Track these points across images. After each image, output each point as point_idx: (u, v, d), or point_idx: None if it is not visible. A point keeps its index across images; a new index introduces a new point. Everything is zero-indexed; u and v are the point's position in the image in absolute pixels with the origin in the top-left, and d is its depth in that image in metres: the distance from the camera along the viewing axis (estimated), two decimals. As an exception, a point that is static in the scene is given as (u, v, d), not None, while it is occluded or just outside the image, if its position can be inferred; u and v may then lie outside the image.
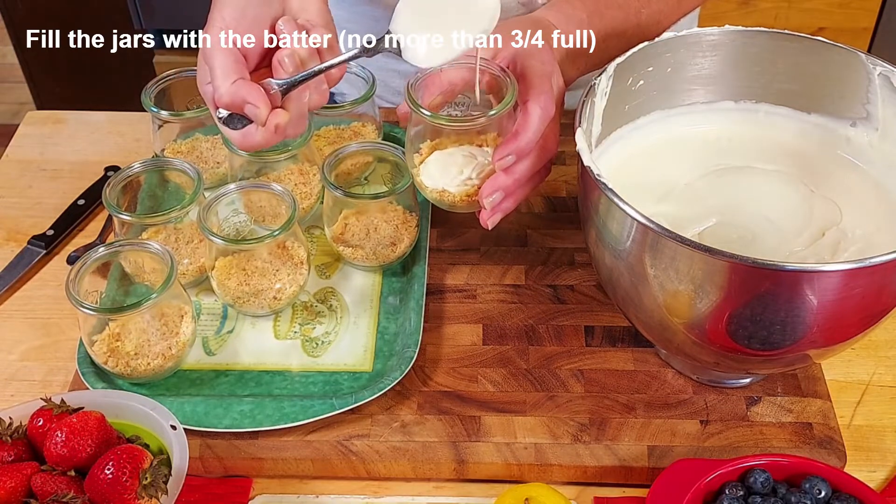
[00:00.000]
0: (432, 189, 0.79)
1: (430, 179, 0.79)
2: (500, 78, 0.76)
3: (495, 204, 0.75)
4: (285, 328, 0.82)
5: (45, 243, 0.92)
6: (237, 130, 0.69)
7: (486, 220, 0.76)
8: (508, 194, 0.75)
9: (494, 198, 0.75)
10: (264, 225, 0.87)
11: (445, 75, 0.77)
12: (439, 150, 0.79)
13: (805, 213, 0.75)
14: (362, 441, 0.73)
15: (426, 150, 0.80)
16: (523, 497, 0.66)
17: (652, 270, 0.65)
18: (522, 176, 0.75)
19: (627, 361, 0.79)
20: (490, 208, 0.75)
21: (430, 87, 0.77)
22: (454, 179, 0.77)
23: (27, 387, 0.81)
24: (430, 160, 0.79)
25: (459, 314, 0.83)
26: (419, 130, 0.79)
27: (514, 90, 0.75)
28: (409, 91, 0.76)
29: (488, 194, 0.75)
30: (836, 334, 0.67)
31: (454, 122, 0.76)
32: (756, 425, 0.74)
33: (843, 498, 0.65)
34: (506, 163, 0.74)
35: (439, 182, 0.78)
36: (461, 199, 0.78)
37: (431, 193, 0.79)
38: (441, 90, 0.77)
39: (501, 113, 0.75)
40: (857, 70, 0.75)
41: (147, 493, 0.62)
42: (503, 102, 0.75)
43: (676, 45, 0.77)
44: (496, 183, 0.74)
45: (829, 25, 2.00)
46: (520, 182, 0.75)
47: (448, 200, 0.79)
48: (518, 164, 0.74)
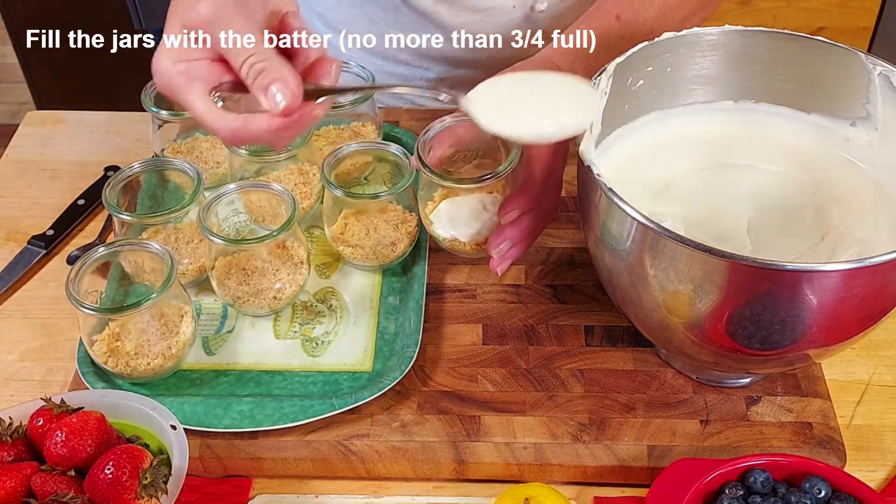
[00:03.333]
0: (444, 238, 0.83)
1: (442, 229, 0.83)
2: None
3: (503, 253, 0.78)
4: (285, 328, 0.82)
5: (45, 243, 0.92)
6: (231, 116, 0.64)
7: (495, 268, 0.79)
8: (515, 243, 0.78)
9: (502, 248, 0.78)
10: (264, 225, 0.87)
11: (455, 130, 0.80)
12: (450, 200, 0.82)
13: (804, 214, 0.75)
14: (362, 441, 0.73)
15: (438, 198, 0.83)
16: (523, 497, 0.66)
17: (652, 270, 0.65)
18: (527, 227, 0.78)
19: (627, 361, 0.79)
20: (498, 258, 0.78)
21: (441, 140, 0.80)
22: (464, 228, 0.82)
23: (27, 387, 0.81)
24: (442, 209, 0.83)
25: (459, 314, 0.83)
26: (430, 181, 0.81)
27: (519, 149, 0.78)
28: (417, 150, 0.79)
29: (495, 245, 0.78)
30: (835, 334, 0.67)
31: (463, 182, 0.80)
32: (756, 425, 0.74)
33: (842, 498, 0.65)
34: (511, 217, 0.77)
35: (451, 231, 0.82)
36: (471, 247, 0.83)
37: (444, 242, 0.84)
38: (451, 143, 0.81)
39: (507, 171, 0.78)
40: (857, 70, 0.75)
41: (147, 493, 0.62)
42: (509, 159, 0.79)
43: (676, 45, 0.77)
44: (503, 235, 0.78)
45: (829, 25, 2.00)
46: (524, 233, 0.78)
47: (458, 248, 0.84)
48: (523, 217, 0.77)
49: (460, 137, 0.81)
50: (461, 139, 0.81)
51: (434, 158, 0.80)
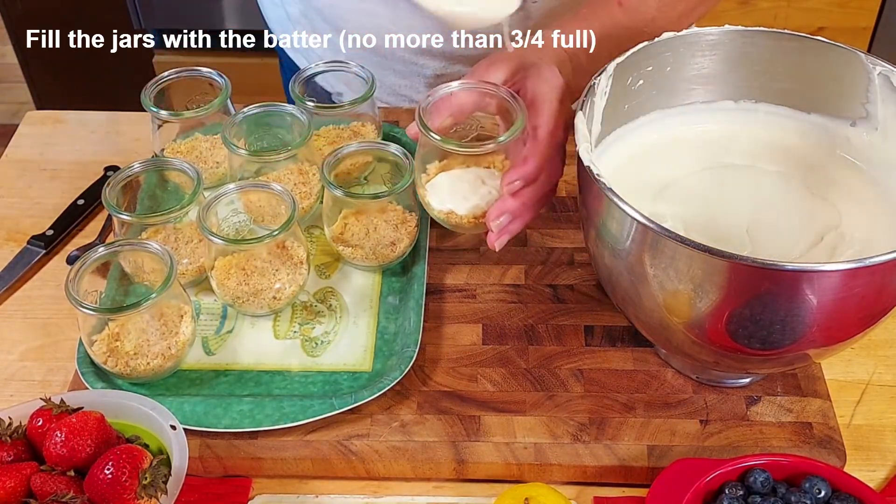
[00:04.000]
0: (439, 210, 0.81)
1: (438, 200, 0.81)
2: (508, 102, 0.78)
3: (502, 226, 0.77)
4: (285, 328, 0.82)
5: (45, 243, 0.92)
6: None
7: (493, 242, 0.78)
8: (515, 217, 0.77)
9: (501, 220, 0.77)
10: (264, 225, 0.87)
11: (456, 98, 0.80)
12: (447, 172, 0.81)
13: (804, 214, 0.75)
14: (362, 441, 0.73)
15: (434, 170, 0.82)
16: (523, 497, 0.66)
17: (651, 270, 0.65)
18: (529, 199, 0.77)
19: (627, 361, 0.79)
20: (497, 231, 0.77)
21: (440, 109, 0.80)
22: (461, 201, 0.80)
23: (26, 387, 0.81)
24: (438, 181, 0.81)
25: (459, 314, 0.83)
26: (428, 151, 0.81)
27: (523, 117, 0.77)
28: (419, 114, 0.78)
29: (495, 217, 0.77)
30: (835, 334, 0.67)
31: (464, 147, 0.79)
32: (756, 425, 0.74)
33: (842, 497, 0.65)
34: (514, 188, 0.76)
35: (447, 203, 0.81)
36: (468, 220, 0.81)
37: (438, 214, 0.82)
38: (451, 112, 0.80)
39: (510, 140, 0.77)
40: (857, 70, 0.75)
41: (146, 493, 0.62)
42: (513, 129, 0.77)
43: (676, 45, 0.77)
44: (504, 206, 0.77)
45: (829, 25, 2.00)
46: (526, 206, 0.77)
47: (454, 221, 0.81)
48: (526, 189, 0.76)
49: (461, 107, 0.80)
50: (462, 109, 0.81)
51: (433, 125, 0.79)
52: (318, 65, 0.94)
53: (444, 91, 0.80)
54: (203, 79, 0.93)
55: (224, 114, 0.92)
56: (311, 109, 0.89)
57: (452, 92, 0.80)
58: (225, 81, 0.92)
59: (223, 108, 0.91)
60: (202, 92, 0.93)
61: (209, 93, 0.93)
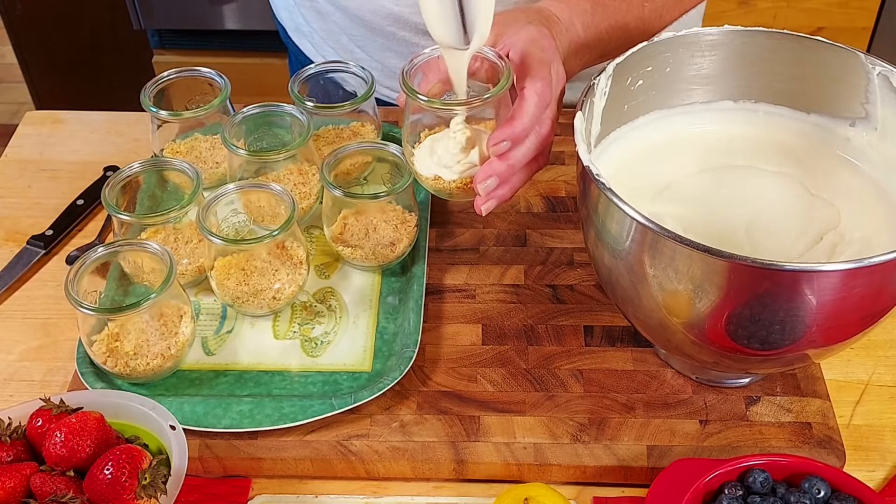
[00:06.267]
0: (426, 176, 0.77)
1: (425, 166, 0.77)
2: (497, 66, 0.75)
3: (490, 190, 0.74)
4: (284, 328, 0.82)
5: (45, 243, 0.92)
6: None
7: (479, 206, 0.74)
8: (503, 181, 0.74)
9: (489, 183, 0.73)
10: (263, 225, 0.87)
11: (443, 62, 0.75)
12: (434, 136, 0.78)
13: (804, 214, 0.75)
14: (361, 441, 0.73)
15: (423, 137, 0.79)
16: (523, 497, 0.66)
17: (651, 270, 0.65)
18: (518, 162, 0.73)
19: (627, 361, 0.79)
20: (484, 194, 0.74)
21: (428, 73, 0.76)
22: (450, 166, 0.76)
23: (26, 387, 0.81)
24: (424, 146, 0.78)
25: (458, 314, 0.83)
26: (416, 120, 0.77)
27: (508, 74, 0.73)
28: (403, 77, 0.74)
29: (482, 180, 0.73)
30: (835, 334, 0.67)
31: (448, 104, 0.75)
32: (755, 425, 0.74)
33: (842, 498, 0.65)
34: (500, 148, 0.72)
35: (433, 168, 0.77)
36: (457, 186, 0.76)
37: (426, 181, 0.78)
38: (440, 78, 0.76)
39: (496, 96, 0.73)
40: (857, 70, 0.75)
41: (146, 493, 0.62)
42: (499, 86, 0.73)
43: (675, 45, 0.77)
44: (491, 168, 0.73)
45: (828, 25, 2.00)
46: (515, 168, 0.73)
47: (444, 188, 0.77)
48: (513, 150, 0.73)
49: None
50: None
51: (421, 90, 0.75)
52: (318, 65, 0.94)
53: (429, 54, 0.76)
54: (203, 79, 0.93)
55: (224, 114, 0.92)
56: (310, 109, 0.89)
57: (439, 56, 0.75)
58: (224, 81, 0.92)
59: (223, 109, 0.91)
60: (202, 92, 0.93)
61: (209, 93, 0.93)
